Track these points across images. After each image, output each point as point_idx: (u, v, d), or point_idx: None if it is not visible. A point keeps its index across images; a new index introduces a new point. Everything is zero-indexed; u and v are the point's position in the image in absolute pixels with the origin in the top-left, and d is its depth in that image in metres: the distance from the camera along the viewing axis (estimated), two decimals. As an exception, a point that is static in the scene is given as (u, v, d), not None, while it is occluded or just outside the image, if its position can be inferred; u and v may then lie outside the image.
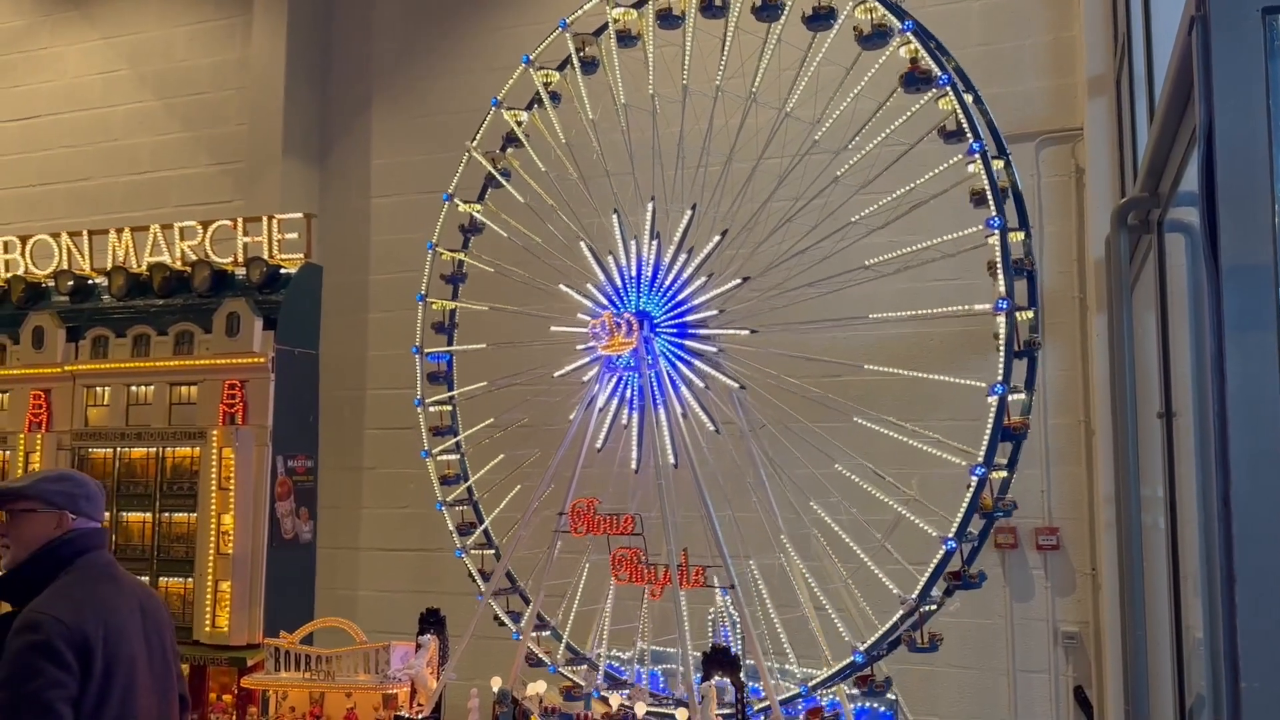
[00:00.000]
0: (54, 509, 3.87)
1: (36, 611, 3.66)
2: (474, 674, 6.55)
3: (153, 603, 4.16)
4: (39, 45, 11.27)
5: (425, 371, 7.22)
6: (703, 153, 6.02)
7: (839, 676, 5.58)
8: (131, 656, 3.84)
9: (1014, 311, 5.19)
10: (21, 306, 7.75)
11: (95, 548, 3.95)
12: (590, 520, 5.96)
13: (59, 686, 3.58)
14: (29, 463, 7.43)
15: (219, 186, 10.08)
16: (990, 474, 5.18)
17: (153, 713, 3.95)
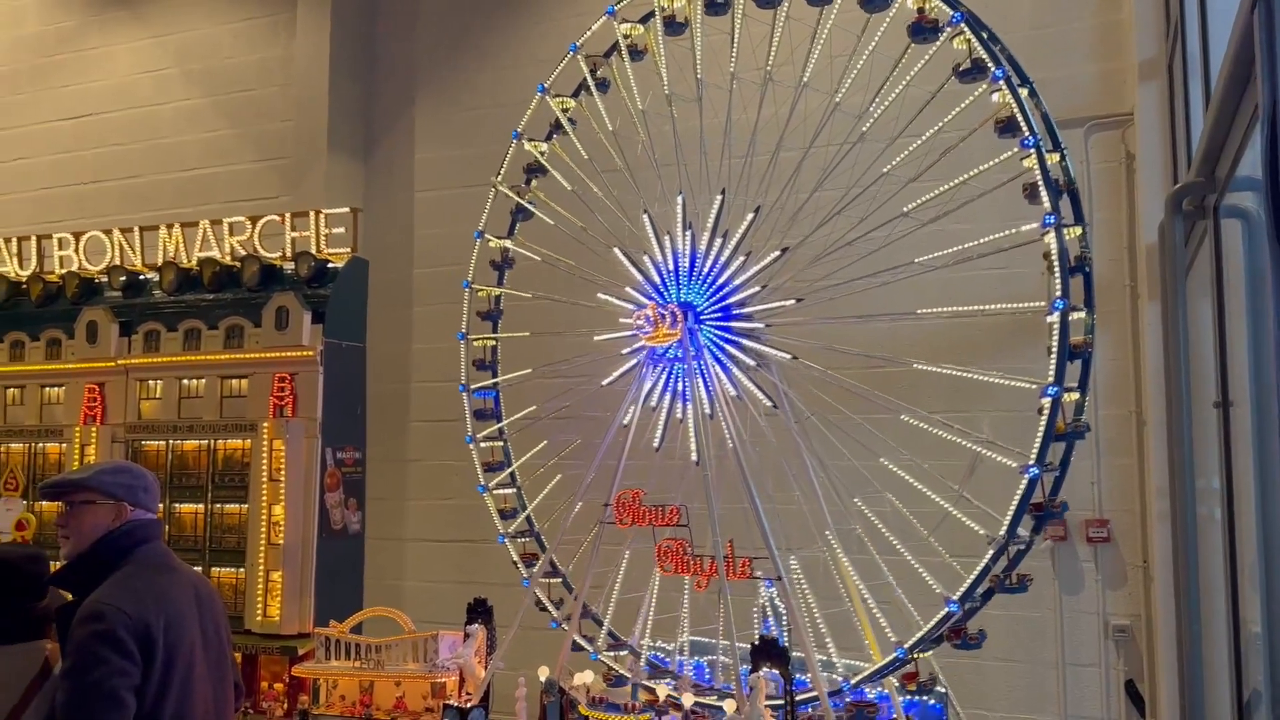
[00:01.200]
0: (112, 500, 3.91)
1: (100, 602, 3.70)
2: (520, 664, 6.60)
3: (207, 591, 4.22)
4: (89, 45, 11.49)
5: (472, 358, 7.29)
6: (750, 143, 5.98)
7: (885, 671, 5.55)
8: (190, 645, 3.90)
9: (1069, 312, 5.12)
10: (75, 302, 7.92)
11: (152, 539, 4.01)
12: (635, 511, 5.97)
13: (124, 675, 3.63)
14: (84, 455, 7.60)
15: (265, 182, 10.22)
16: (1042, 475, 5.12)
17: (209, 700, 4.01)
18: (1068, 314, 5.12)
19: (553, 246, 7.20)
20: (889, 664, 5.50)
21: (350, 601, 7.36)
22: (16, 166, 11.65)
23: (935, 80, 5.66)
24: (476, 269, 7.41)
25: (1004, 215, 5.71)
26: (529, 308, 7.48)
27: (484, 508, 7.83)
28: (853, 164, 5.70)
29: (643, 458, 6.50)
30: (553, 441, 7.11)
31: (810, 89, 5.86)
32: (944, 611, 5.22)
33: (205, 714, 3.99)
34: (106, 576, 3.79)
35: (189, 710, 3.87)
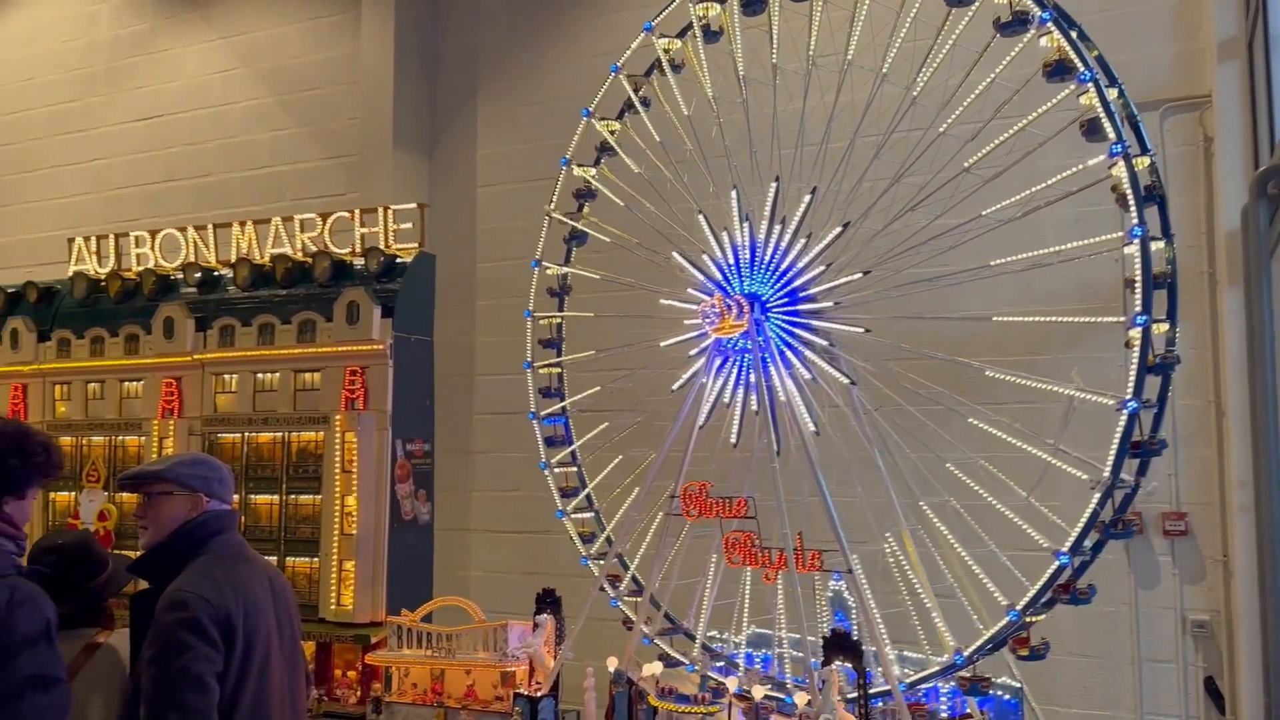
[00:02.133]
0: (188, 491, 4.00)
1: (182, 590, 3.79)
2: (588, 654, 6.66)
3: (280, 582, 4.30)
4: (161, 47, 11.78)
5: (537, 337, 7.37)
6: (826, 131, 5.93)
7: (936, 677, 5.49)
8: (266, 634, 3.98)
9: (1150, 325, 5.01)
10: (152, 298, 8.14)
11: (227, 529, 4.09)
12: (702, 503, 5.98)
13: (208, 661, 3.71)
14: (162, 448, 7.81)
15: (333, 179, 10.40)
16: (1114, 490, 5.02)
17: (283, 688, 4.09)
18: (1149, 327, 5.01)
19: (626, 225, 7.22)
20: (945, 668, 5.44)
21: (420, 591, 7.49)
22: (93, 167, 12.00)
23: (1019, 76, 5.56)
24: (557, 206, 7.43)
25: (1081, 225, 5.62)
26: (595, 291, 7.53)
27: (548, 499, 7.90)
28: (931, 159, 5.61)
29: (708, 449, 6.50)
30: (615, 424, 7.17)
31: (888, 81, 5.79)
32: (1055, 565, 5.08)
33: (281, 701, 4.07)
34: (183, 566, 3.89)
35: (266, 697, 3.96)
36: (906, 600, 5.74)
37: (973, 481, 5.70)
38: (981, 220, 5.50)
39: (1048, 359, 6.82)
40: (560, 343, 7.40)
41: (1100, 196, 5.43)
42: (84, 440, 8.19)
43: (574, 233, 7.34)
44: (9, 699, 3.35)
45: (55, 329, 8.38)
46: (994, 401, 6.01)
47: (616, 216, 7.29)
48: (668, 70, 6.92)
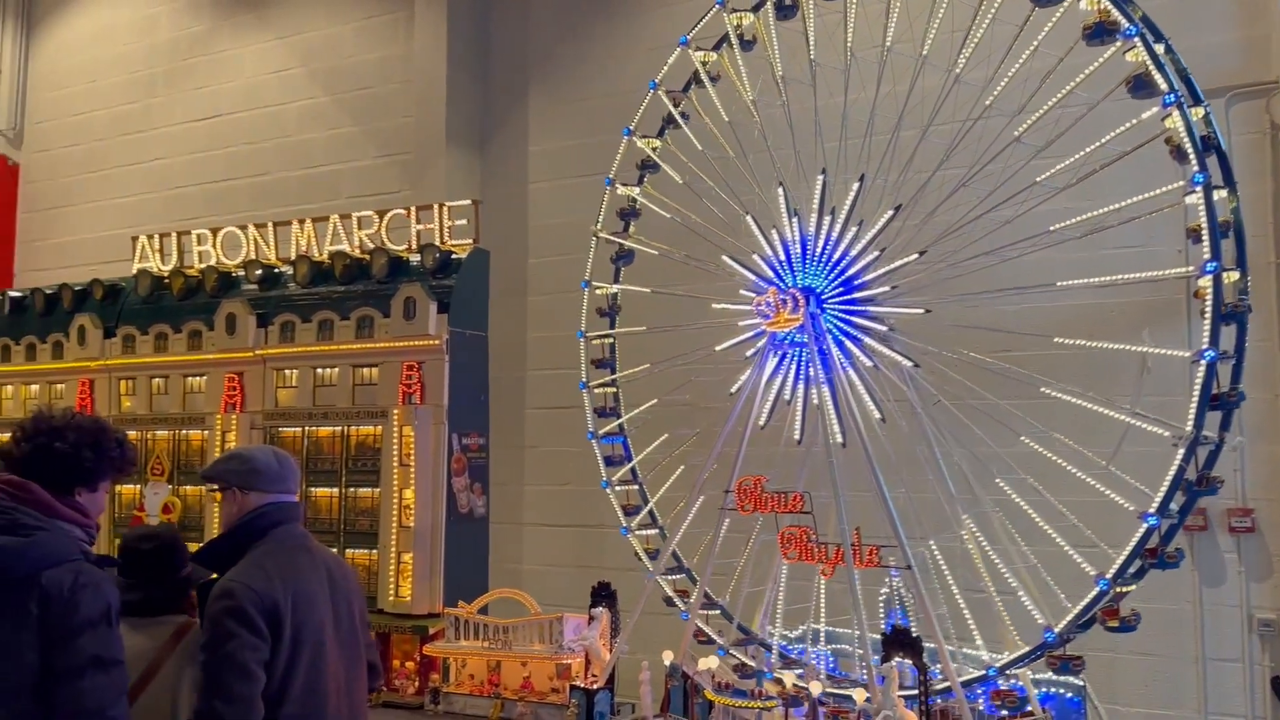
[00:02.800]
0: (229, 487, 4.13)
1: (231, 580, 3.89)
2: (642, 648, 6.68)
3: (342, 572, 4.34)
4: (219, 48, 12.00)
5: (590, 357, 7.38)
6: (869, 122, 5.90)
7: (1027, 659, 5.42)
8: (319, 624, 4.03)
9: (1221, 273, 4.89)
10: (215, 295, 8.30)
11: (287, 521, 4.18)
12: (757, 498, 5.97)
13: (252, 649, 3.79)
14: (225, 441, 7.98)
15: (387, 177, 10.53)
16: (1198, 446, 4.90)
17: (340, 678, 4.14)
18: (1220, 275, 4.89)
19: (673, 234, 7.23)
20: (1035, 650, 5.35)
21: (476, 583, 7.57)
22: (154, 167, 12.27)
23: (1060, 45, 5.48)
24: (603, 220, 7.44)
25: (1139, 185, 5.50)
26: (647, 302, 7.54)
27: (599, 494, 7.93)
28: (978, 138, 5.55)
29: (764, 445, 6.49)
30: (674, 435, 7.16)
31: (929, 65, 5.73)
32: (1144, 527, 5.00)
33: (336, 690, 4.12)
34: (243, 555, 3.98)
35: (320, 686, 4.02)
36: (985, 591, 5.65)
37: (1050, 452, 5.61)
38: (1036, 189, 5.43)
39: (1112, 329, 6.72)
40: (614, 361, 7.42)
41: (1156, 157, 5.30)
42: (149, 434, 8.38)
43: (621, 252, 7.40)
44: (71, 677, 3.47)
45: (120, 325, 8.59)
46: (1060, 376, 5.92)
47: (663, 229, 7.31)
48: (706, 82, 6.93)
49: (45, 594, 3.50)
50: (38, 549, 3.57)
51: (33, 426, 3.82)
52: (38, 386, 9.03)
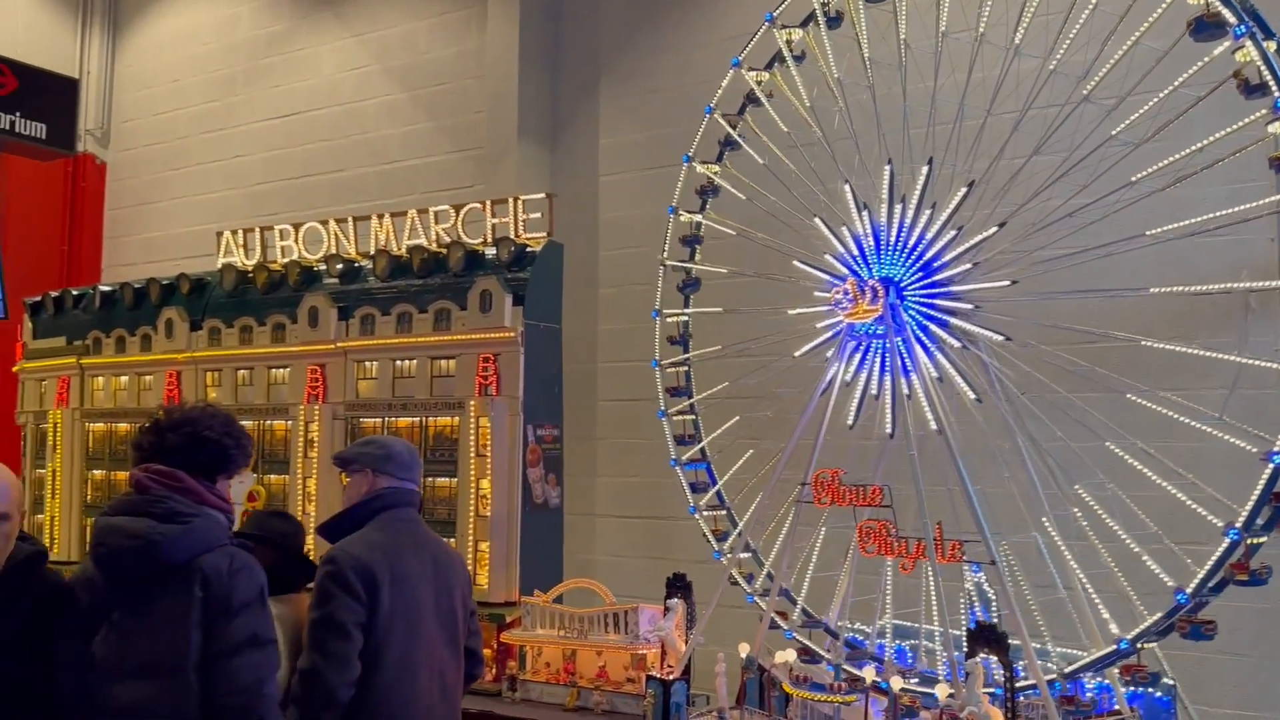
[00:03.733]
0: (362, 468, 4.52)
1: (335, 548, 4.29)
2: (717, 640, 6.68)
3: (448, 560, 4.67)
4: (297, 46, 12.26)
5: (665, 334, 7.40)
6: (959, 109, 5.80)
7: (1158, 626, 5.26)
8: (416, 600, 4.32)
9: None
10: (297, 289, 8.50)
11: (400, 505, 4.51)
12: (834, 491, 5.93)
13: (350, 611, 4.13)
14: (308, 432, 8.17)
15: (461, 172, 10.67)
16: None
17: (435, 656, 4.40)
18: None
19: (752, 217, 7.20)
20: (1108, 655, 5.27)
21: (551, 573, 7.65)
22: (235, 164, 12.60)
23: (1164, 37, 5.32)
24: (681, 200, 7.45)
25: (1232, 181, 5.34)
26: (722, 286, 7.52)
27: (670, 485, 7.94)
28: (1073, 129, 5.42)
29: (839, 437, 6.44)
30: (745, 418, 7.15)
31: (1021, 54, 5.62)
32: (1226, 543, 4.86)
33: (429, 667, 4.36)
34: (356, 531, 4.35)
35: (413, 658, 4.29)
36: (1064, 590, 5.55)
37: (1133, 459, 5.49)
38: (1128, 190, 5.29)
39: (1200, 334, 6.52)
40: (688, 339, 7.42)
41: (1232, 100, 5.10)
42: (235, 424, 8.61)
43: (688, 280, 7.39)
44: (228, 655, 3.69)
45: (206, 318, 8.84)
46: (1145, 380, 5.78)
47: (740, 210, 7.27)
48: (790, 60, 6.85)
49: (205, 578, 3.73)
50: (196, 535, 3.80)
51: (180, 417, 4.09)
52: (127, 378, 9.34)
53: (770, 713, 5.92)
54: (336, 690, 4.07)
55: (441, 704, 4.43)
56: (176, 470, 3.94)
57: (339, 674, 4.07)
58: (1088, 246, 5.41)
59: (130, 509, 3.86)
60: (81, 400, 9.65)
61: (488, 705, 6.79)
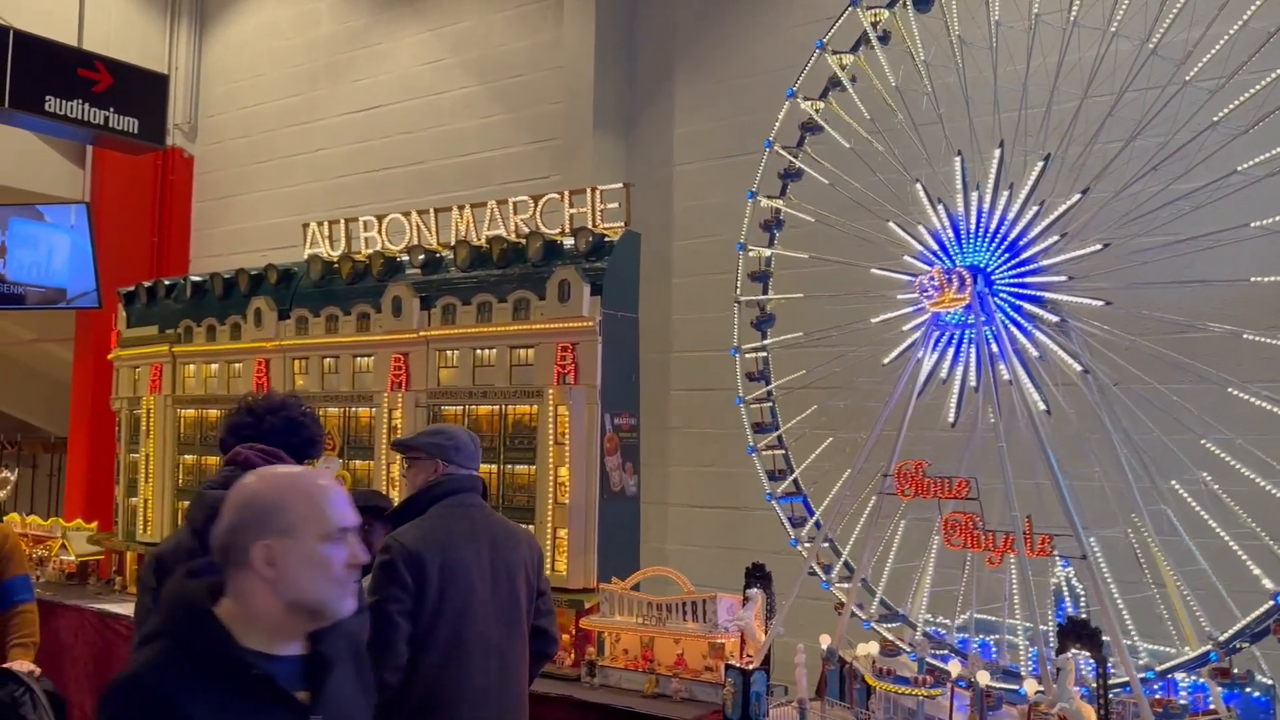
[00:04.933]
0: (429, 457, 4.77)
1: (390, 538, 4.55)
2: (796, 631, 6.67)
3: (510, 542, 4.87)
4: (376, 41, 12.47)
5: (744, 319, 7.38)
6: (1052, 92, 5.67)
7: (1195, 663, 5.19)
8: (469, 586, 4.56)
9: None
10: (381, 279, 8.67)
11: (461, 491, 4.75)
12: (918, 483, 5.86)
13: (396, 601, 4.40)
14: (391, 419, 8.34)
15: (536, 163, 10.77)
16: None
17: (491, 638, 4.62)
18: None
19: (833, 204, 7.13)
20: (1199, 657, 5.15)
21: (628, 560, 7.71)
22: (317, 157, 12.88)
23: (1270, 18, 5.14)
24: (761, 184, 7.39)
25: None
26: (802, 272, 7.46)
27: (744, 475, 7.92)
28: (1171, 117, 5.26)
29: (922, 428, 6.37)
30: (823, 406, 7.10)
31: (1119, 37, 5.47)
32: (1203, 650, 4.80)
33: (484, 648, 4.60)
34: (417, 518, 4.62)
35: (465, 640, 4.54)
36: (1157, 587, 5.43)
37: (1227, 455, 5.34)
38: (1230, 179, 5.11)
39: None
40: (766, 324, 7.40)
41: None
42: (320, 411, 8.83)
43: (774, 220, 7.29)
44: None
45: (294, 308, 9.06)
46: (1240, 373, 5.61)
47: (823, 196, 7.20)
48: (875, 42, 6.76)
49: None
50: None
51: (277, 402, 4.46)
52: (217, 366, 9.63)
53: (851, 705, 5.89)
54: (383, 674, 4.28)
55: (498, 685, 4.64)
56: (279, 450, 4.23)
57: (386, 662, 4.31)
58: (1188, 236, 5.24)
59: None
60: (173, 387, 9.98)
61: (567, 690, 6.88)
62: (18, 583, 5.76)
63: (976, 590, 6.06)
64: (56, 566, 10.44)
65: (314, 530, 2.51)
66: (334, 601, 2.54)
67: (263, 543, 2.48)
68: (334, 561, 2.52)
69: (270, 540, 2.48)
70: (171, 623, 2.50)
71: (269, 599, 2.48)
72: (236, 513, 2.55)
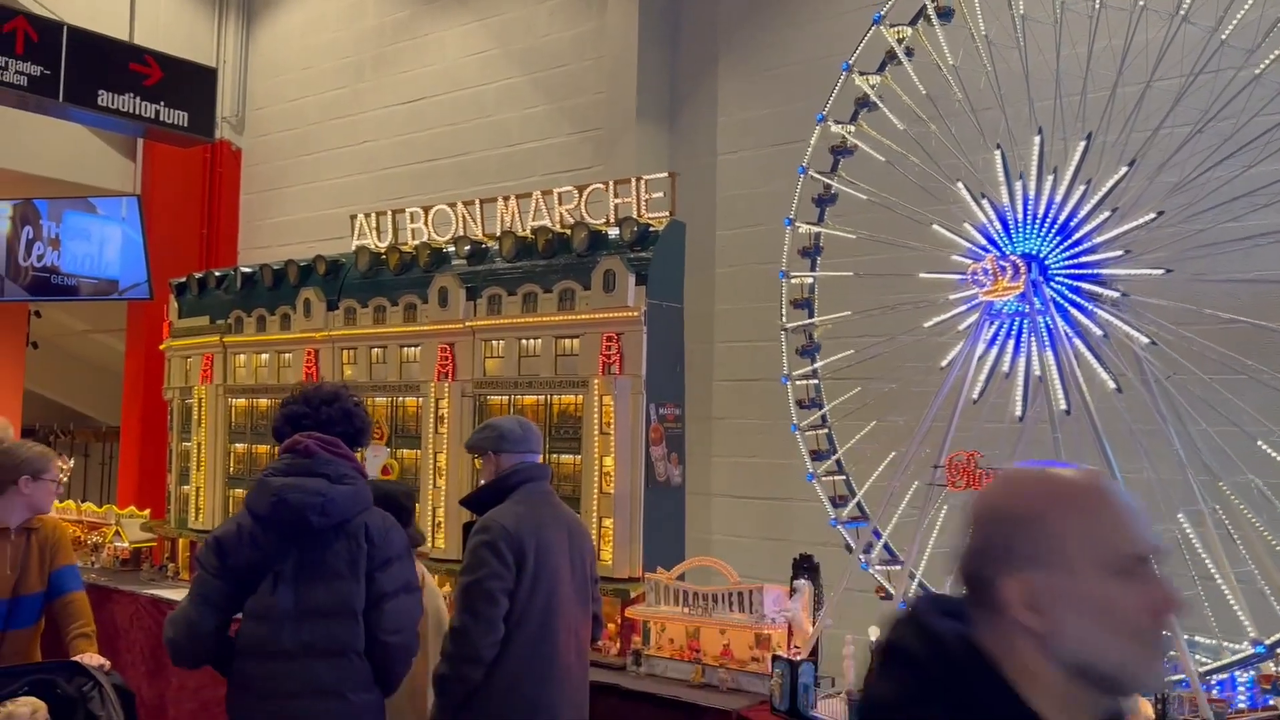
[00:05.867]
0: (489, 454, 5.18)
1: (488, 518, 4.83)
2: (843, 623, 6.64)
3: (580, 530, 5.32)
4: (422, 32, 12.55)
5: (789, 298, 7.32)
6: (1119, 74, 5.56)
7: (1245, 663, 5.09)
8: (555, 567, 4.87)
9: None
10: (427, 270, 8.72)
11: (536, 479, 5.13)
12: (970, 474, 5.80)
13: (499, 578, 4.68)
14: (438, 409, 8.40)
15: (579, 153, 10.78)
16: None
17: (571, 617, 4.98)
18: None
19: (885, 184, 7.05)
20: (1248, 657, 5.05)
21: (672, 550, 7.70)
22: (363, 149, 13.00)
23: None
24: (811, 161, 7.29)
25: None
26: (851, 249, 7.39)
27: (787, 466, 7.88)
28: (1242, 105, 5.14)
29: (972, 420, 6.29)
30: (869, 389, 7.05)
31: (1189, 22, 5.35)
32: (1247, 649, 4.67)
33: (567, 627, 4.94)
34: (499, 502, 4.95)
35: (553, 619, 4.84)
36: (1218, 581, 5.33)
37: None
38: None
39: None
40: (812, 303, 7.34)
41: None
42: (368, 401, 8.92)
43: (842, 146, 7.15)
44: (389, 599, 4.33)
45: (342, 298, 9.14)
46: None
47: (874, 175, 7.11)
48: (934, 18, 6.64)
49: (368, 532, 4.38)
50: (359, 496, 4.44)
51: (330, 392, 4.77)
52: (267, 356, 9.75)
53: (900, 696, 5.86)
54: (481, 650, 4.62)
55: (577, 663, 5.04)
56: (338, 439, 4.51)
57: (485, 635, 4.62)
58: (1257, 233, 5.13)
59: (304, 470, 4.35)
60: (224, 377, 10.13)
61: (614, 678, 6.90)
62: (67, 572, 5.84)
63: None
64: (111, 553, 10.66)
65: (1098, 559, 1.72)
66: (1139, 667, 1.74)
67: (1019, 577, 1.75)
68: (1132, 606, 1.71)
69: (1031, 574, 1.74)
70: (942, 671, 1.76)
71: (1036, 658, 1.74)
72: (980, 530, 1.83)
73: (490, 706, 4.65)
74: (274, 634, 4.22)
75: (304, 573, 4.26)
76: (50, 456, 5.95)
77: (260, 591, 4.26)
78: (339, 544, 4.29)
